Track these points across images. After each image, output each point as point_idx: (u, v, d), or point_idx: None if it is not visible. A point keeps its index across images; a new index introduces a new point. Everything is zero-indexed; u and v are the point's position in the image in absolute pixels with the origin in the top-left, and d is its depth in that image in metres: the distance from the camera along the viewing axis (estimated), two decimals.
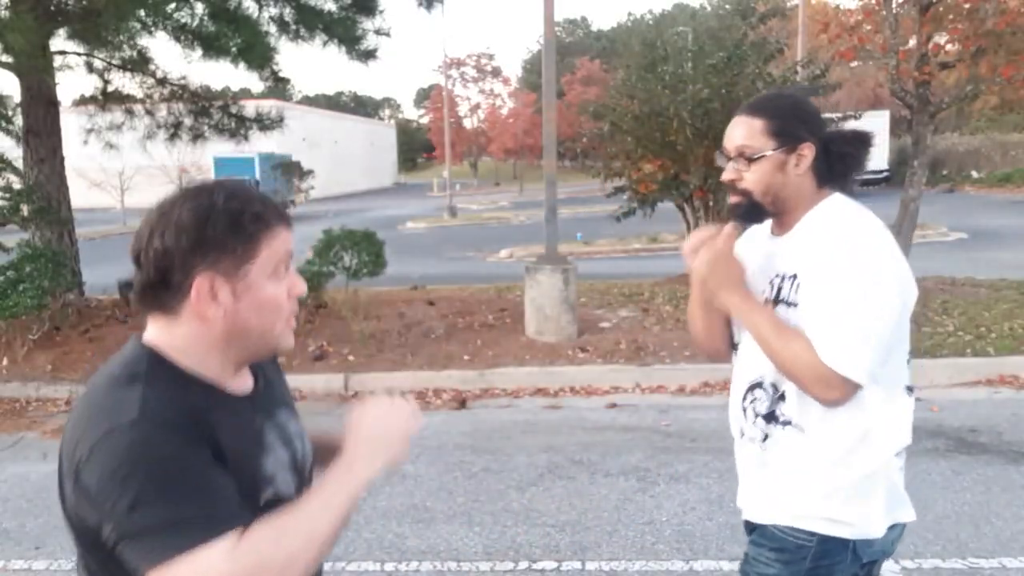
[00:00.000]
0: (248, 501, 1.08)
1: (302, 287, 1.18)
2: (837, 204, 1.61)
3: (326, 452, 1.27)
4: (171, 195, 1.12)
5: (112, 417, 1.02)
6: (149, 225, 1.09)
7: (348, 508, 1.10)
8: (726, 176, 1.64)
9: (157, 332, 1.13)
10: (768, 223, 1.69)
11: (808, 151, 1.58)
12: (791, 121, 1.59)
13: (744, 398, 1.68)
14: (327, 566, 3.45)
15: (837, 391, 1.46)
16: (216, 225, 1.06)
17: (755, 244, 1.70)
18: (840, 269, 1.48)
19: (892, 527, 1.60)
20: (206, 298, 1.08)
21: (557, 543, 3.59)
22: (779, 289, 1.60)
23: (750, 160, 1.59)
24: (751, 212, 1.64)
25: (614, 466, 4.51)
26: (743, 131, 1.61)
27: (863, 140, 1.64)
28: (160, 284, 1.09)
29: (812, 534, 1.57)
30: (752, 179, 1.61)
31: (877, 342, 1.46)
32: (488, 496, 4.15)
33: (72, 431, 1.07)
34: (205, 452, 1.04)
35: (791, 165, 1.59)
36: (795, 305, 1.56)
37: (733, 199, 1.65)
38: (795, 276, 1.58)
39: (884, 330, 1.47)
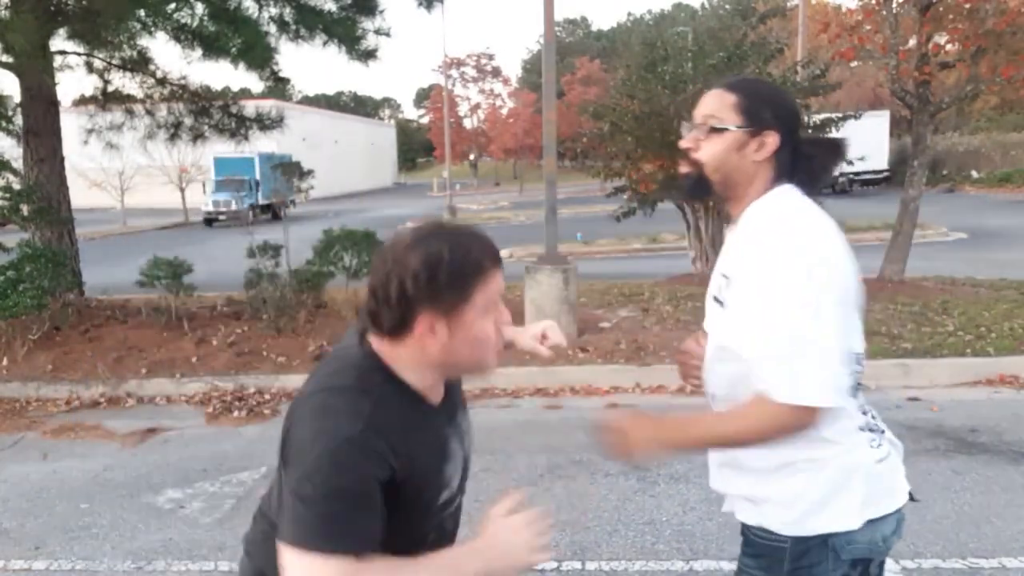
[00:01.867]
0: (429, 502, 1.32)
1: (506, 316, 1.34)
2: (780, 197, 1.54)
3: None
4: (404, 237, 1.27)
5: (339, 422, 1.20)
6: (385, 266, 1.25)
7: None
8: (683, 142, 1.59)
9: (385, 346, 1.30)
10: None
11: (772, 139, 1.52)
12: (764, 105, 1.53)
13: (711, 370, 1.63)
14: None
15: (806, 421, 1.42)
16: (442, 276, 1.22)
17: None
18: (767, 279, 1.42)
19: (877, 521, 1.50)
20: (427, 334, 1.25)
21: (557, 543, 3.59)
22: (718, 286, 1.60)
23: (712, 131, 1.55)
24: (696, 186, 1.59)
25: (614, 466, 4.50)
26: (714, 102, 1.56)
27: (835, 148, 1.59)
28: (392, 320, 1.26)
29: (783, 535, 1.51)
30: (708, 151, 1.56)
31: (827, 353, 1.39)
32: (488, 496, 4.13)
33: (305, 413, 1.25)
34: (376, 492, 1.21)
35: (751, 148, 1.53)
36: (722, 304, 1.54)
37: (683, 168, 1.60)
38: (727, 277, 1.56)
39: (830, 338, 1.39)
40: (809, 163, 1.55)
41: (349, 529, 1.17)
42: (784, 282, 1.40)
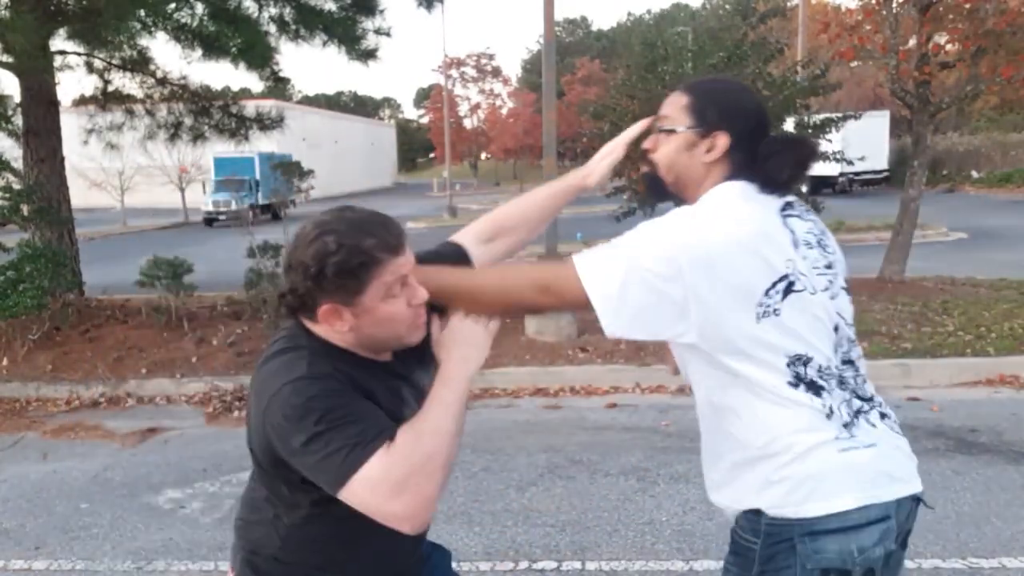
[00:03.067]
0: None
1: (420, 295, 1.39)
2: (718, 189, 1.53)
3: None
4: (304, 229, 1.35)
5: (284, 376, 1.30)
6: (288, 257, 1.35)
7: (461, 405, 1.34)
8: (645, 143, 1.63)
9: (308, 323, 1.39)
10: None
11: (722, 140, 1.52)
12: (713, 106, 1.54)
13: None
14: None
15: (559, 284, 1.46)
16: (328, 271, 1.29)
17: None
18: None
19: (850, 529, 1.42)
20: (332, 319, 1.34)
21: (557, 543, 3.59)
22: None
23: (664, 132, 1.58)
24: (652, 185, 1.64)
25: (614, 466, 4.51)
26: (670, 104, 1.59)
27: (798, 146, 1.55)
28: (299, 306, 1.36)
29: (756, 532, 1.49)
30: (662, 152, 1.59)
31: (627, 265, 1.41)
32: (488, 496, 4.15)
33: (255, 397, 1.36)
34: (357, 395, 1.31)
35: (700, 149, 1.54)
36: None
37: (642, 168, 1.65)
38: None
39: (626, 270, 1.41)
40: (765, 162, 1.51)
41: (362, 429, 1.25)
42: (635, 231, 1.46)
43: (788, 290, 1.43)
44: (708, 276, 1.39)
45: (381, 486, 1.22)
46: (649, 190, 1.66)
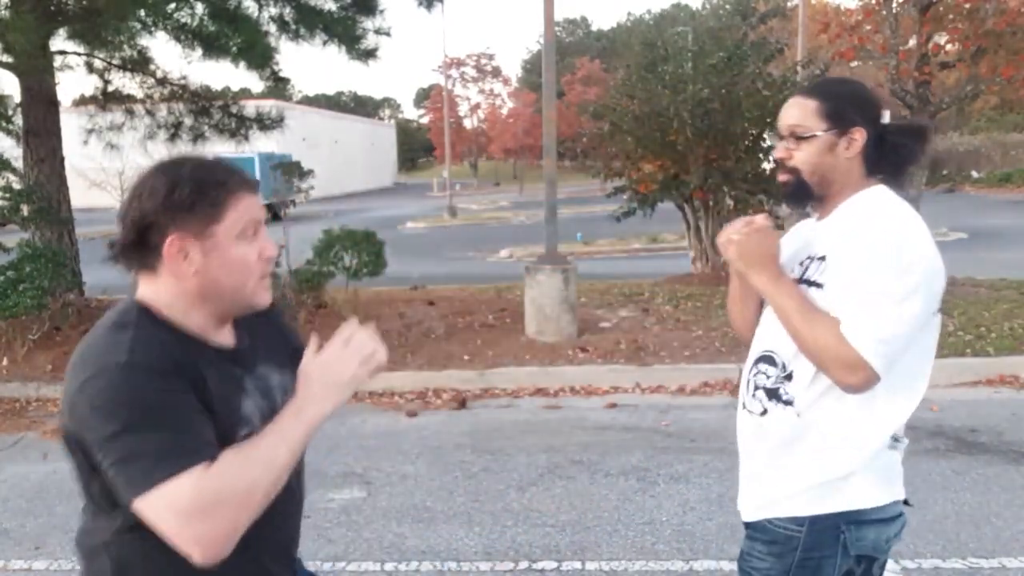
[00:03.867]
0: (227, 437, 1.19)
1: (272, 250, 1.30)
2: (878, 194, 1.62)
3: None
4: (149, 166, 1.26)
5: (103, 357, 1.16)
6: (130, 192, 1.25)
7: (303, 443, 1.23)
8: (776, 154, 1.68)
9: (144, 289, 1.27)
10: (813, 217, 1.73)
11: (859, 135, 1.60)
12: (845, 105, 1.61)
13: (751, 369, 1.69)
14: (327, 566, 3.46)
15: (858, 376, 1.46)
16: (183, 190, 1.20)
17: (798, 233, 1.75)
18: (871, 255, 1.49)
19: (886, 520, 1.58)
20: (177, 257, 1.22)
21: (557, 543, 3.59)
22: (806, 269, 1.63)
23: (800, 139, 1.62)
24: (798, 191, 1.67)
25: (614, 466, 4.51)
26: (797, 111, 1.64)
27: (919, 132, 1.66)
28: (139, 244, 1.23)
29: (800, 521, 1.57)
30: (801, 158, 1.63)
31: (897, 333, 1.47)
32: (488, 496, 4.15)
33: (70, 371, 1.20)
34: (186, 394, 1.17)
35: (841, 148, 1.60)
36: (820, 286, 1.57)
37: (782, 177, 1.68)
38: (824, 257, 1.60)
39: (906, 323, 1.48)
40: (896, 152, 1.62)
41: (179, 438, 1.12)
42: (882, 266, 1.48)
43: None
44: (936, 287, 1.57)
45: (186, 505, 1.08)
46: (792, 198, 1.71)
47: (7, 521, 4.09)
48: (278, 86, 9.82)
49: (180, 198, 1.20)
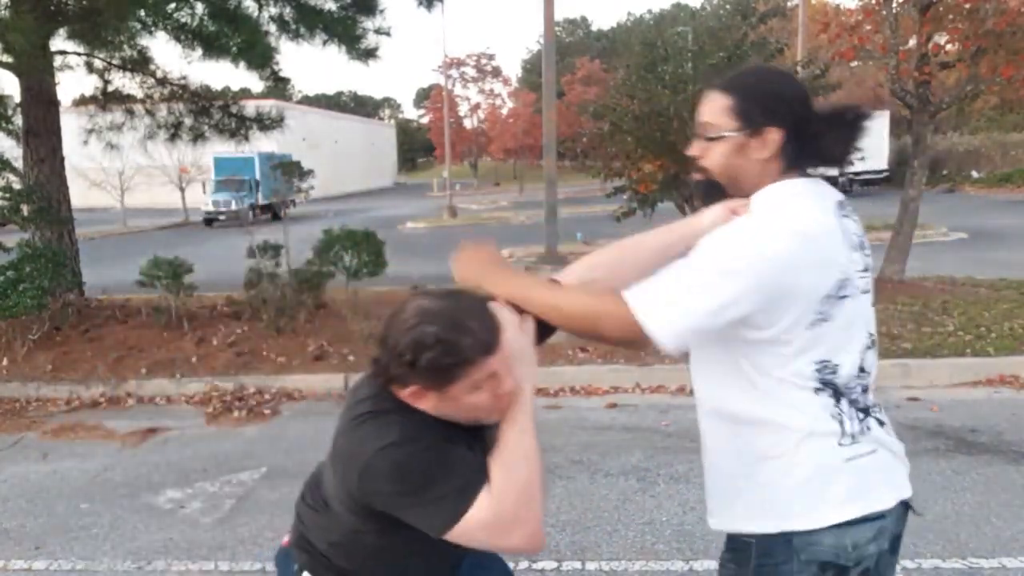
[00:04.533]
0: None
1: (507, 386, 1.40)
2: (774, 190, 1.50)
3: None
4: (404, 311, 1.39)
5: (377, 442, 1.37)
6: (387, 333, 1.40)
7: (533, 422, 1.42)
8: (691, 151, 1.58)
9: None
10: None
11: (774, 136, 1.47)
12: (760, 103, 1.48)
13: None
14: None
15: (629, 330, 1.39)
16: (423, 363, 1.34)
17: None
18: (706, 240, 1.43)
19: (846, 525, 1.44)
20: (415, 400, 1.41)
21: (557, 543, 3.59)
22: None
23: (710, 139, 1.53)
24: (710, 191, 1.59)
25: (614, 466, 4.51)
26: (708, 108, 1.53)
27: (844, 113, 1.50)
28: (388, 379, 1.43)
29: (751, 533, 1.51)
30: (711, 159, 1.54)
31: (687, 304, 1.37)
32: None
33: (343, 458, 1.43)
34: (448, 445, 1.39)
35: (753, 149, 1.49)
36: None
37: (695, 176, 1.60)
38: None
39: (702, 297, 1.36)
40: (818, 144, 1.48)
41: (462, 475, 1.35)
42: (707, 248, 1.41)
43: (842, 295, 1.42)
44: (770, 288, 1.37)
45: (494, 527, 1.32)
46: (707, 197, 1.61)
47: (7, 521, 4.09)
48: (278, 86, 9.82)
49: (418, 369, 1.35)
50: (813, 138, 1.48)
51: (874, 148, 27.12)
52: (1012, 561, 3.30)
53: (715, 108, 1.52)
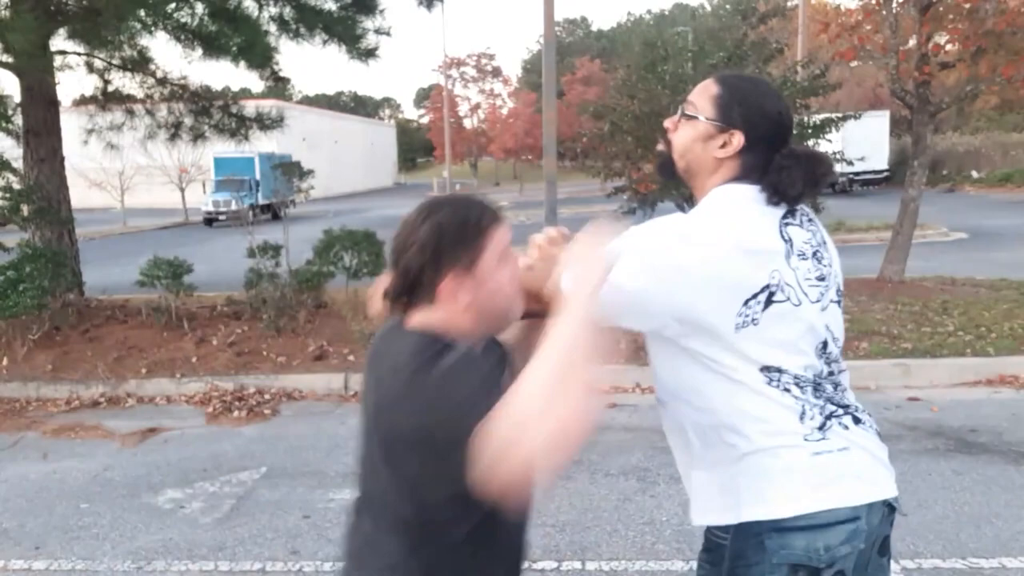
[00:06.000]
0: None
1: (522, 261, 1.44)
2: (716, 193, 1.53)
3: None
4: (409, 216, 1.39)
5: (443, 398, 1.25)
6: (398, 242, 1.38)
7: (577, 337, 1.29)
8: (666, 122, 1.64)
9: (421, 318, 1.38)
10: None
11: (737, 139, 1.51)
12: (737, 104, 1.53)
13: None
14: (327, 566, 3.45)
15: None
16: (447, 242, 1.34)
17: None
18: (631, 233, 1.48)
19: (819, 528, 1.43)
20: (454, 295, 1.35)
21: (557, 543, 3.59)
22: None
23: (687, 116, 1.57)
24: (664, 166, 1.63)
25: (614, 466, 4.51)
26: (699, 89, 1.59)
27: (813, 163, 1.52)
28: (415, 290, 1.37)
29: (726, 528, 1.50)
30: (678, 136, 1.59)
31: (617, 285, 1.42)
32: None
33: (427, 406, 1.26)
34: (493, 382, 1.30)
35: (715, 143, 1.53)
36: None
37: (659, 146, 1.64)
38: None
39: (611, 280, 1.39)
40: (778, 174, 1.49)
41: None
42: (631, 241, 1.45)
43: (769, 301, 1.44)
44: (687, 288, 1.43)
45: (481, 457, 1.13)
46: (661, 169, 1.66)
47: (7, 521, 4.09)
48: (278, 86, 9.84)
49: (445, 251, 1.33)
50: (778, 169, 1.50)
51: (874, 148, 27.11)
52: (1012, 561, 3.30)
53: (704, 92, 1.58)
